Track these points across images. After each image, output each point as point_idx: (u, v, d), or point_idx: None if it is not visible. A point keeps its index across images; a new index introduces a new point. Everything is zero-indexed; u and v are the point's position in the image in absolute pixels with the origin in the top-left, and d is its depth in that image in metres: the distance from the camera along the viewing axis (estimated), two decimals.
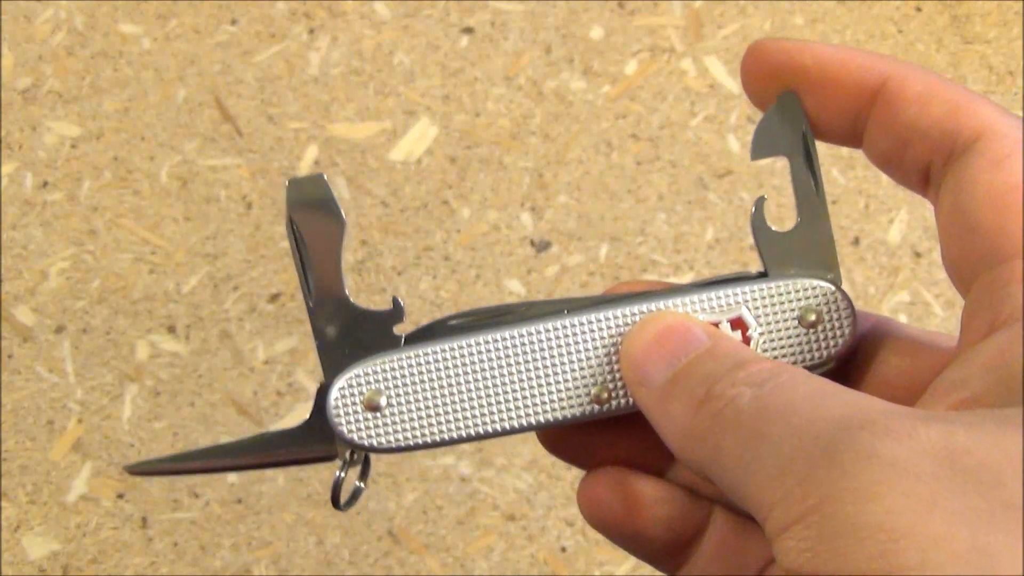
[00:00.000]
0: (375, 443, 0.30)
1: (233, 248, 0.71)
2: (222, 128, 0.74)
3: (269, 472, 0.66)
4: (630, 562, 0.64)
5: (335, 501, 0.32)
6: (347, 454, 0.31)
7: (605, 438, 0.31)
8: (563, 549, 0.65)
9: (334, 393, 0.30)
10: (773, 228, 0.30)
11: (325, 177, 0.30)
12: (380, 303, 0.31)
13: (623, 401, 0.30)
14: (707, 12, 0.77)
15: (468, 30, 0.77)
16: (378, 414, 0.30)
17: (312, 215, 0.30)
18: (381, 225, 0.71)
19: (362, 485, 0.32)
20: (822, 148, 0.31)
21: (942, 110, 0.26)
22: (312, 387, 0.67)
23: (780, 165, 0.73)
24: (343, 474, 0.31)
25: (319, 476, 0.66)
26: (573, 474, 0.65)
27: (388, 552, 0.64)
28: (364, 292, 0.69)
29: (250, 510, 0.65)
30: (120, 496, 0.66)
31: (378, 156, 0.73)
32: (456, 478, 0.66)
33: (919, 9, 0.77)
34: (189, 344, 0.69)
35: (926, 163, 0.27)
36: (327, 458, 0.31)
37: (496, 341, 0.30)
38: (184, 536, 0.65)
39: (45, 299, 0.70)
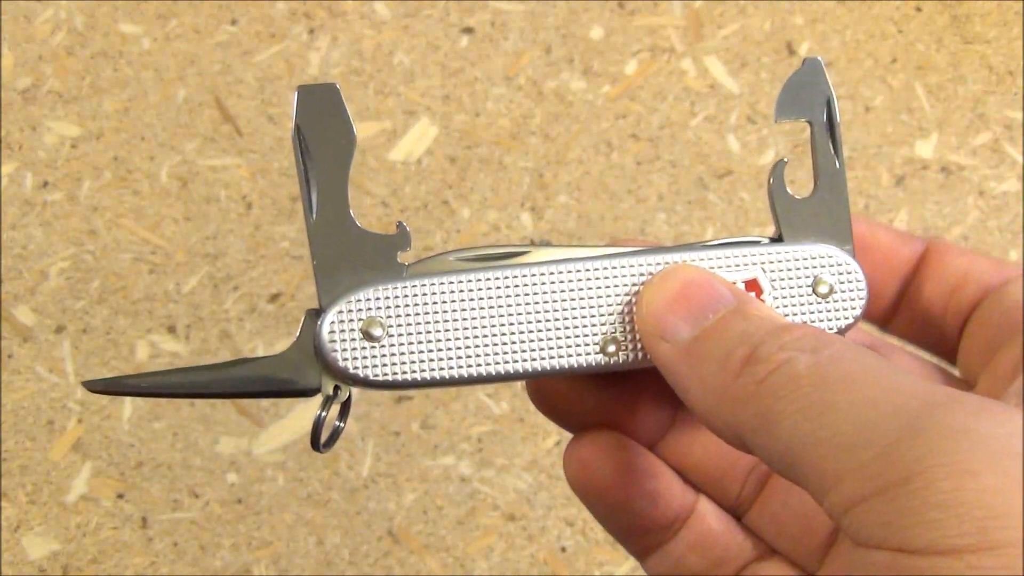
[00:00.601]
0: (370, 375, 0.28)
1: (233, 248, 0.71)
2: (222, 128, 0.74)
3: (269, 472, 0.66)
4: (630, 562, 0.64)
5: (315, 443, 0.30)
6: (331, 388, 0.29)
7: (598, 400, 0.30)
8: (563, 549, 0.65)
9: (330, 316, 0.28)
10: (791, 194, 0.30)
11: (338, 87, 0.29)
12: None
13: (631, 355, 0.28)
14: (707, 12, 0.77)
15: (468, 30, 0.77)
16: (375, 344, 0.28)
17: (321, 125, 0.28)
18: (381, 225, 0.71)
19: (341, 425, 0.30)
20: None
21: (988, 262, 0.29)
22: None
23: None
24: (325, 412, 0.29)
25: (319, 476, 0.66)
26: None
27: (388, 552, 0.64)
28: None
29: (250, 510, 0.65)
30: (120, 496, 0.66)
31: (378, 156, 0.73)
32: (456, 478, 0.66)
33: (919, 9, 0.77)
34: (189, 344, 0.69)
35: (972, 305, 0.29)
36: (309, 391, 0.29)
37: (504, 279, 0.28)
38: (184, 536, 0.65)
39: (45, 299, 0.70)
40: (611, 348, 0.29)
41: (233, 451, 0.66)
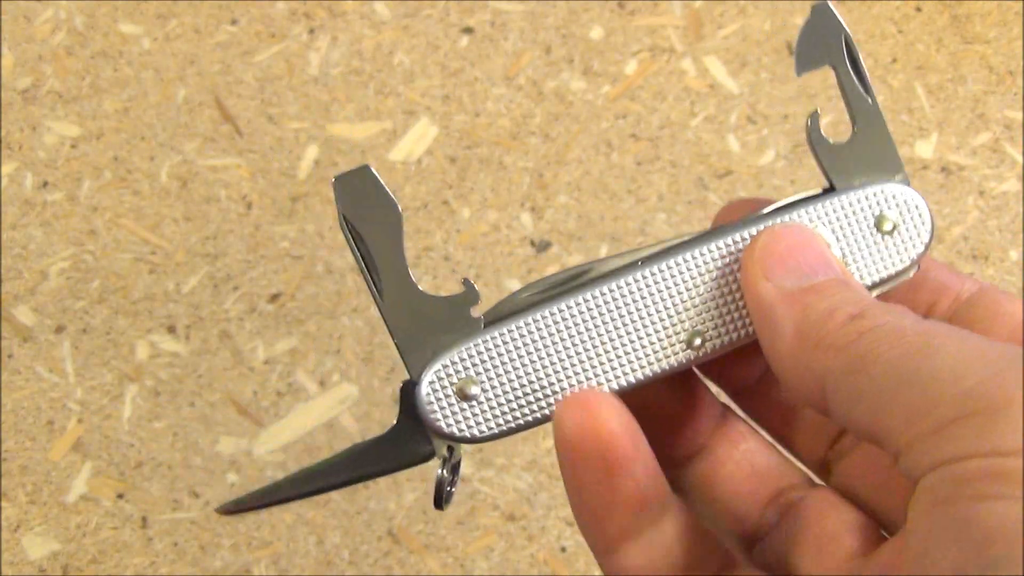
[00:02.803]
0: (475, 432, 0.29)
1: (233, 248, 0.71)
2: (222, 128, 0.74)
3: (269, 472, 0.66)
4: None
5: (439, 502, 0.30)
6: (444, 450, 0.30)
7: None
8: (563, 549, 0.65)
9: (424, 388, 0.28)
10: (831, 140, 0.30)
11: (372, 168, 0.29)
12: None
13: (717, 342, 0.29)
14: (707, 12, 0.77)
15: (468, 30, 0.77)
16: (473, 402, 0.29)
17: (366, 210, 0.29)
18: None
19: (455, 484, 0.31)
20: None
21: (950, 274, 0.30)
22: (312, 387, 0.67)
23: (780, 166, 0.73)
24: (446, 472, 0.30)
25: None
26: None
27: (388, 552, 0.64)
28: (365, 292, 0.69)
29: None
30: (120, 496, 0.66)
31: (378, 156, 0.73)
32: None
33: (919, 9, 0.77)
34: (189, 344, 0.69)
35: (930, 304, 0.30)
36: (426, 458, 0.30)
37: (579, 304, 0.29)
38: (184, 536, 0.65)
39: (45, 299, 0.70)
40: (697, 341, 0.29)
41: (233, 451, 0.66)
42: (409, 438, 0.29)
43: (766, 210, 0.29)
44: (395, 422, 0.29)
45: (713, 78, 0.75)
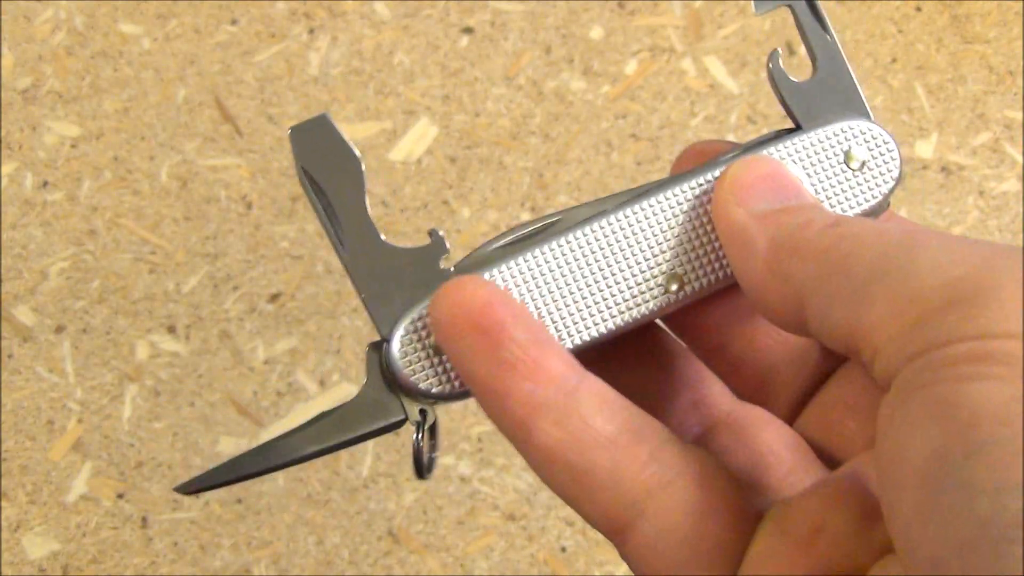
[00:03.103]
0: (452, 388, 0.27)
1: (233, 248, 0.71)
2: (222, 128, 0.74)
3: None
4: None
5: (419, 470, 0.28)
6: (417, 413, 0.28)
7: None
8: (563, 549, 0.65)
9: (395, 343, 0.27)
10: (794, 79, 0.29)
11: (328, 116, 0.28)
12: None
13: (696, 284, 0.28)
14: (707, 12, 0.77)
15: (468, 30, 0.77)
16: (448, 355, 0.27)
17: (323, 159, 0.28)
18: (381, 225, 0.71)
19: (436, 450, 0.29)
20: None
21: None
22: (312, 387, 0.68)
23: None
24: (421, 437, 0.28)
25: (319, 476, 0.66)
26: None
27: (388, 552, 0.64)
28: None
29: (250, 510, 0.65)
30: (120, 496, 0.66)
31: (378, 156, 0.73)
32: (456, 478, 0.66)
33: (919, 9, 0.77)
34: (189, 344, 0.69)
35: None
36: (398, 423, 0.28)
37: (552, 250, 0.28)
38: (184, 536, 0.65)
39: (45, 299, 0.70)
40: (675, 285, 0.28)
41: (233, 451, 0.66)
42: (378, 404, 0.28)
43: (734, 151, 0.29)
44: (361, 387, 0.28)
45: (713, 78, 0.75)
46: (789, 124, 0.30)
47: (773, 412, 0.30)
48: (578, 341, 0.28)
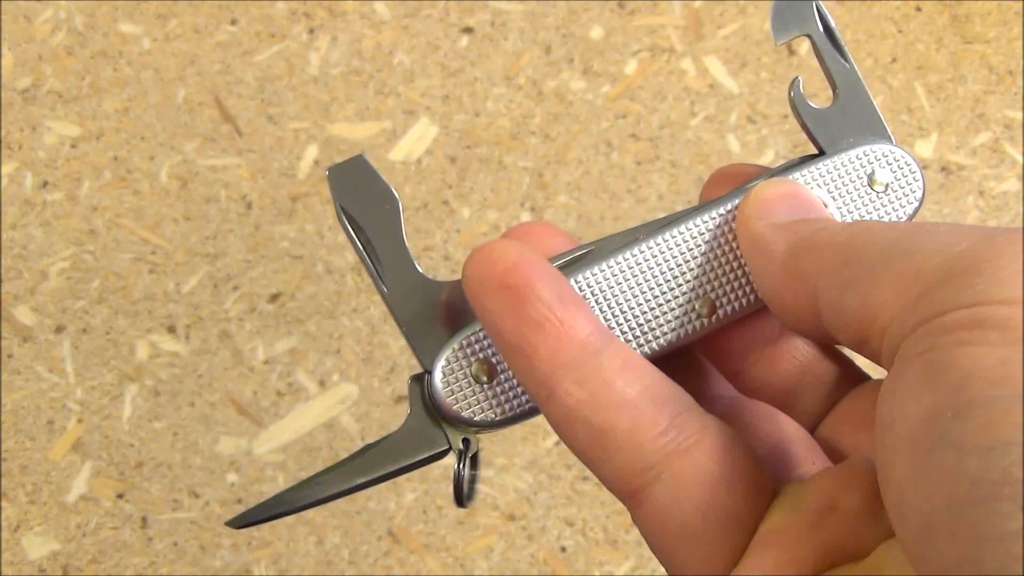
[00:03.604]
0: (495, 415, 0.28)
1: (233, 248, 0.71)
2: (222, 128, 0.74)
3: (269, 472, 0.66)
4: (630, 562, 0.64)
5: (459, 499, 0.29)
6: (460, 443, 0.28)
7: None
8: (563, 549, 0.65)
9: (438, 375, 0.28)
10: (815, 106, 0.30)
11: (366, 156, 0.29)
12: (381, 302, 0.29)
13: (728, 308, 0.29)
14: (707, 12, 0.77)
15: (468, 30, 0.77)
16: (490, 383, 0.28)
17: (363, 200, 0.28)
18: None
19: (477, 474, 0.29)
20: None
21: None
22: (312, 387, 0.67)
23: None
24: (463, 467, 0.28)
25: None
26: (573, 474, 0.65)
27: (388, 552, 0.64)
28: (365, 292, 0.69)
29: None
30: (120, 496, 0.66)
31: (378, 156, 0.73)
32: None
33: (919, 9, 0.77)
34: (189, 344, 0.69)
35: None
36: (442, 454, 0.28)
37: (588, 278, 0.28)
38: (184, 536, 0.65)
39: (45, 299, 0.70)
40: (707, 310, 0.29)
41: (233, 451, 0.66)
42: (422, 433, 0.28)
43: (760, 179, 0.30)
44: (406, 419, 0.28)
45: (713, 78, 0.75)
46: (805, 140, 0.31)
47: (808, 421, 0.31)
48: None
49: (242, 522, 0.28)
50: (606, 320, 0.28)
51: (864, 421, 0.29)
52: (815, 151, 0.30)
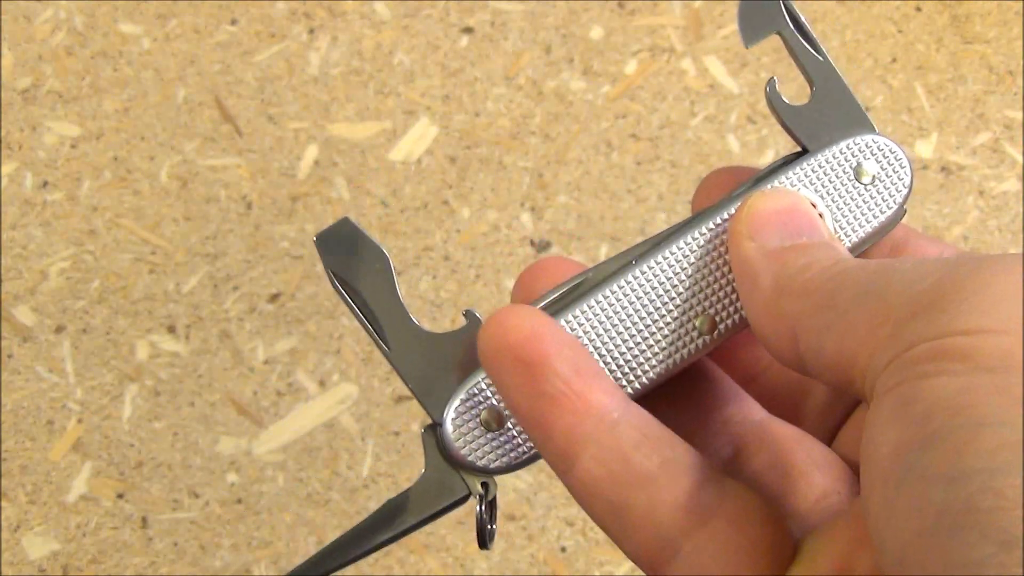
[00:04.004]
0: (508, 460, 0.28)
1: (233, 248, 0.71)
2: (222, 128, 0.74)
3: (269, 472, 0.66)
4: (630, 562, 0.64)
5: (483, 541, 0.29)
6: (479, 486, 0.29)
7: None
8: (563, 549, 0.65)
9: (449, 427, 0.28)
10: (791, 103, 0.30)
11: (351, 219, 0.28)
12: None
13: (728, 323, 0.28)
14: (707, 12, 0.77)
15: (468, 30, 0.77)
16: (501, 430, 0.28)
17: (353, 262, 0.28)
18: (381, 225, 0.71)
19: (495, 521, 0.30)
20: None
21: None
22: (312, 387, 0.67)
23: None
24: (484, 510, 0.29)
25: (319, 476, 0.66)
26: None
27: (388, 552, 0.64)
28: None
29: (250, 510, 0.65)
30: (120, 496, 0.66)
31: (378, 156, 0.73)
32: None
33: (919, 9, 0.77)
34: (189, 344, 0.69)
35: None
36: (463, 500, 0.29)
37: (584, 312, 0.28)
38: (184, 536, 0.65)
39: (45, 299, 0.70)
40: (707, 327, 0.29)
41: (233, 451, 0.66)
42: (441, 483, 0.29)
43: (748, 183, 0.29)
44: (424, 470, 0.29)
45: (713, 78, 0.75)
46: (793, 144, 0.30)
47: (822, 438, 0.31)
48: (628, 393, 0.28)
49: None
50: (607, 351, 0.28)
51: None
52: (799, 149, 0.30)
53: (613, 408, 0.25)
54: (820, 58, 0.30)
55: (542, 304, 0.29)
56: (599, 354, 0.28)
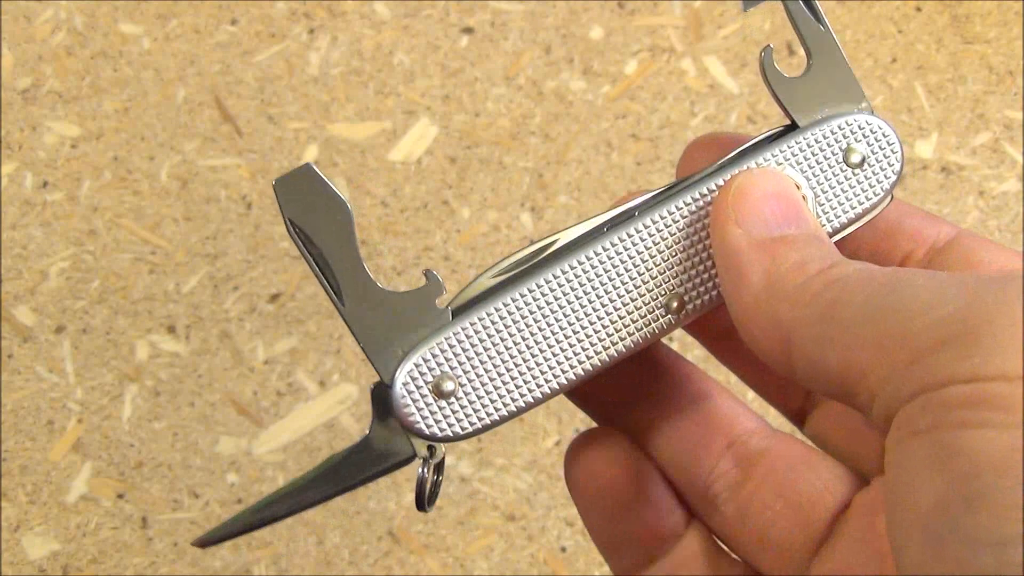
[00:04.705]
0: (456, 430, 0.27)
1: (233, 248, 0.71)
2: (222, 128, 0.74)
3: (269, 472, 0.66)
4: None
5: (421, 503, 0.28)
6: (425, 449, 0.28)
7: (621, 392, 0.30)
8: (563, 549, 0.65)
9: (398, 390, 0.27)
10: (787, 75, 0.29)
11: (313, 166, 0.27)
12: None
13: (698, 303, 0.27)
14: (707, 12, 0.77)
15: (468, 30, 0.77)
16: (451, 398, 0.27)
17: (311, 210, 0.27)
18: (381, 225, 0.71)
19: (440, 479, 0.29)
20: None
21: (1011, 255, 0.30)
22: (312, 387, 0.68)
23: None
24: (427, 472, 0.28)
25: None
26: None
27: (388, 552, 0.64)
28: None
29: None
30: (120, 496, 0.66)
31: (378, 156, 0.73)
32: (456, 478, 0.66)
33: (919, 9, 0.77)
34: (189, 344, 0.69)
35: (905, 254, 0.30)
36: (407, 461, 0.28)
37: (549, 282, 0.27)
38: (184, 536, 0.65)
39: (45, 299, 0.70)
40: (675, 304, 0.28)
41: (233, 451, 0.66)
42: (387, 442, 0.28)
43: (731, 155, 0.28)
44: (368, 429, 0.28)
45: (713, 78, 0.75)
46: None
47: (793, 407, 0.30)
48: (580, 372, 0.27)
49: (207, 541, 0.28)
50: (572, 323, 0.27)
51: (852, 420, 0.29)
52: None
53: (673, 534, 0.30)
54: (821, 28, 0.29)
55: (505, 265, 0.28)
56: (563, 325, 0.27)
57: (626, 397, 0.31)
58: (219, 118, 0.74)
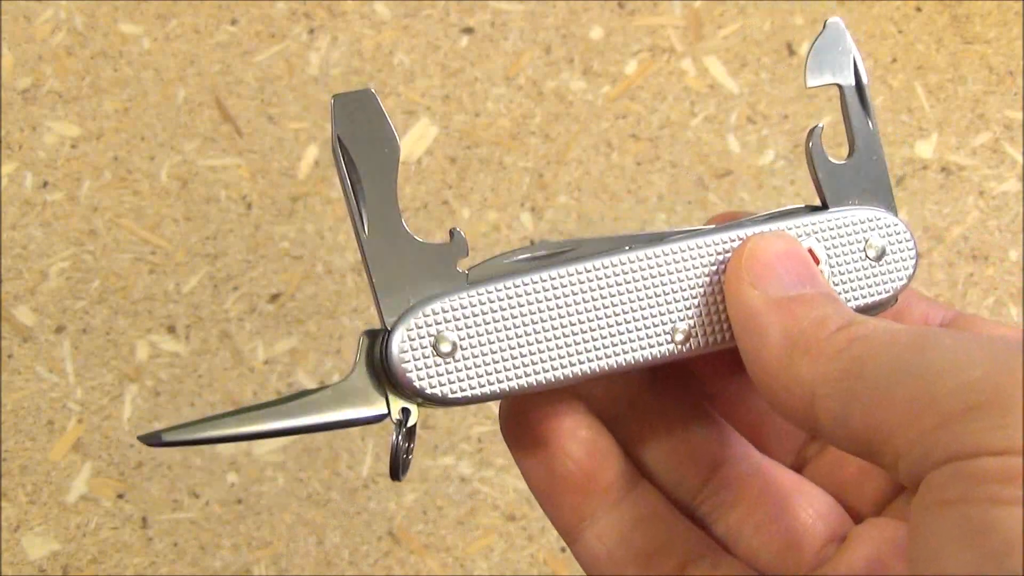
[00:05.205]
0: (448, 392, 0.27)
1: (233, 248, 0.71)
2: (222, 128, 0.74)
3: (269, 472, 0.66)
4: None
5: (395, 471, 0.28)
6: (399, 412, 0.27)
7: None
8: (563, 549, 0.65)
9: (399, 336, 0.26)
10: (831, 159, 0.30)
11: (374, 92, 0.27)
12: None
13: (700, 341, 0.28)
14: (707, 12, 0.77)
15: (468, 30, 0.77)
16: (448, 359, 0.26)
17: (361, 135, 0.26)
18: None
19: (412, 446, 0.28)
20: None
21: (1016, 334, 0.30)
22: (312, 387, 0.67)
23: (780, 167, 0.73)
24: (399, 438, 0.27)
25: (319, 476, 0.66)
26: None
27: (388, 552, 0.64)
28: (365, 292, 0.69)
29: (250, 510, 0.65)
30: (120, 496, 0.66)
31: None
32: (456, 478, 0.66)
33: (919, 9, 0.77)
34: (189, 344, 0.69)
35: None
36: (377, 418, 0.27)
37: (566, 276, 0.27)
38: (184, 536, 0.65)
39: (45, 299, 0.70)
40: (680, 336, 0.28)
41: (233, 451, 0.66)
42: (363, 392, 0.27)
43: (761, 215, 0.29)
44: (349, 374, 0.27)
45: (713, 78, 0.75)
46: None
47: (790, 454, 0.31)
48: (577, 371, 0.27)
49: (156, 440, 0.26)
50: (580, 321, 0.27)
51: (848, 468, 0.30)
52: (818, 202, 0.30)
53: (620, 485, 0.28)
54: (871, 124, 0.30)
55: (529, 255, 0.28)
56: (572, 322, 0.27)
57: (621, 408, 0.31)
58: (219, 118, 0.74)
